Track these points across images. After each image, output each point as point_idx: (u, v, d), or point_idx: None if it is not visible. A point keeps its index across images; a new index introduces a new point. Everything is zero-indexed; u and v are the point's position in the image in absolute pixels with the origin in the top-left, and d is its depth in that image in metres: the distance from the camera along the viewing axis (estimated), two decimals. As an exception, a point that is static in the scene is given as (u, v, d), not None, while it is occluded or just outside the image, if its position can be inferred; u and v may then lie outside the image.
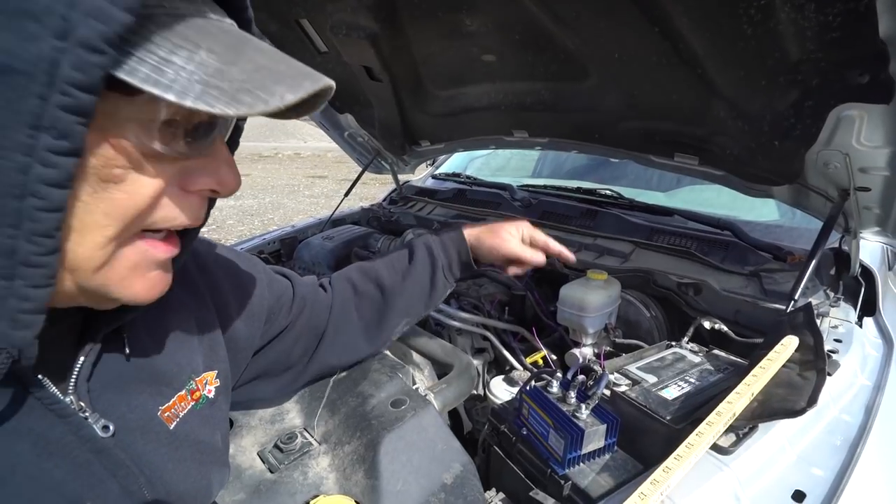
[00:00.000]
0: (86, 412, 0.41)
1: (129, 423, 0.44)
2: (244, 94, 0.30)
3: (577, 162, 2.09)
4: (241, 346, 0.61)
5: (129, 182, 0.33)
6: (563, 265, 1.35)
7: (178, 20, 0.31)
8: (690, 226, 1.29)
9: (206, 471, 0.51)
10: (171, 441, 0.48)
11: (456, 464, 0.61)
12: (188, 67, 0.30)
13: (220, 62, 0.31)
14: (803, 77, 0.77)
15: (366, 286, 0.80)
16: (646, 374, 0.86)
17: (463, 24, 1.13)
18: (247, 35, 0.36)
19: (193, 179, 0.37)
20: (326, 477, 0.60)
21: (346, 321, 0.77)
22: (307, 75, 0.34)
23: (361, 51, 1.33)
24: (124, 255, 0.36)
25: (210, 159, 0.38)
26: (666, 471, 0.56)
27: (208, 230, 5.76)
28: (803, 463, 0.64)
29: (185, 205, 0.38)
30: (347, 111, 1.78)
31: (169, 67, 0.29)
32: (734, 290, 1.07)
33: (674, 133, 1.07)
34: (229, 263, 0.62)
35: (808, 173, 0.93)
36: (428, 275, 0.82)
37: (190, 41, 0.31)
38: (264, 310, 0.64)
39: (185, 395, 0.51)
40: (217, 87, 0.30)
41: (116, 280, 0.36)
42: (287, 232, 1.80)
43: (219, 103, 0.30)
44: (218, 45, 0.32)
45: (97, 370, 0.43)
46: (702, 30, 0.79)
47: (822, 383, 0.65)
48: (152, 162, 0.34)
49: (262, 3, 1.30)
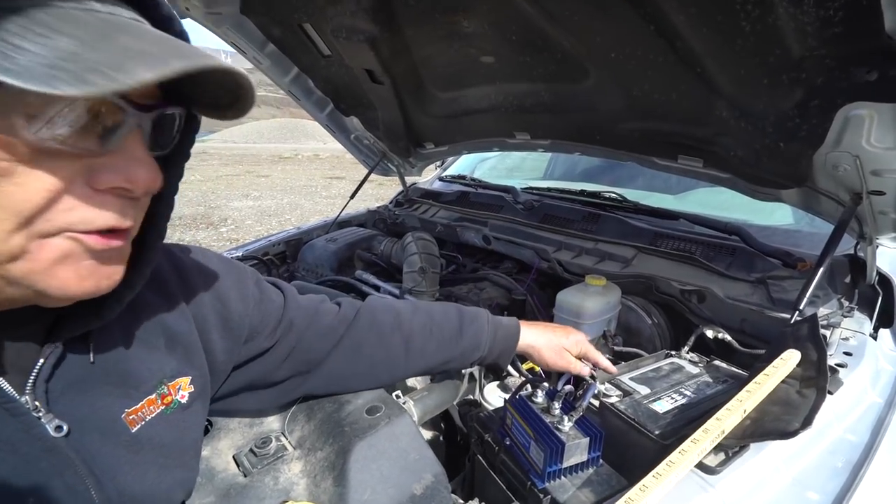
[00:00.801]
0: (39, 411, 0.41)
1: (88, 424, 0.45)
2: (93, 74, 0.29)
3: (590, 163, 2.05)
4: (219, 358, 0.60)
5: (18, 175, 0.33)
6: (564, 270, 1.32)
7: (44, 9, 0.31)
8: (696, 230, 1.24)
9: (168, 475, 0.51)
10: (132, 444, 0.48)
11: (428, 474, 0.60)
12: (40, 52, 0.29)
13: (79, 47, 0.30)
14: (807, 75, 0.73)
15: (393, 338, 0.73)
16: (639, 384, 0.83)
17: (460, 25, 1.12)
18: (137, 26, 0.35)
19: (100, 176, 0.36)
20: (297, 483, 0.60)
21: (352, 363, 0.71)
22: (183, 56, 0.33)
23: (362, 54, 1.33)
24: (48, 246, 0.36)
25: (120, 156, 0.37)
26: (643, 489, 0.54)
27: (227, 229, 5.90)
28: (798, 486, 0.60)
29: (101, 204, 0.37)
30: (353, 114, 1.79)
31: (20, 54, 0.29)
32: (739, 298, 1.03)
33: (676, 134, 1.04)
34: (214, 277, 0.61)
35: (816, 176, 0.89)
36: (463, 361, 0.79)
37: (49, 28, 0.30)
38: (245, 327, 0.62)
39: (155, 399, 0.51)
40: (64, 69, 0.29)
41: (40, 271, 0.36)
42: (292, 234, 1.82)
43: (63, 84, 0.29)
44: (83, 32, 0.31)
45: (59, 372, 0.44)
46: (698, 27, 0.76)
47: (820, 403, 0.61)
48: (44, 156, 0.33)
49: (265, 8, 1.31)
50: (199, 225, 6.13)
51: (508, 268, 1.55)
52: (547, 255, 1.35)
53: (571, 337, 0.85)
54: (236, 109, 0.40)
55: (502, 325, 0.82)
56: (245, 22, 1.35)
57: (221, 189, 8.95)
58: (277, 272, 1.68)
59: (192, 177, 10.26)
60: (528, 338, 0.83)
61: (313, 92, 1.68)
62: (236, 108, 0.40)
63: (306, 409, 0.69)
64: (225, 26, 1.34)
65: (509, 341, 0.81)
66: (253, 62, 1.53)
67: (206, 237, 5.57)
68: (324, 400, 0.70)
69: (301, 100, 1.70)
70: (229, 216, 6.65)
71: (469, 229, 1.63)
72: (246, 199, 8.06)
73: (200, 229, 5.93)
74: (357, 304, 0.75)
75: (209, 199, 7.93)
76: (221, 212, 6.92)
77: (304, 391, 0.69)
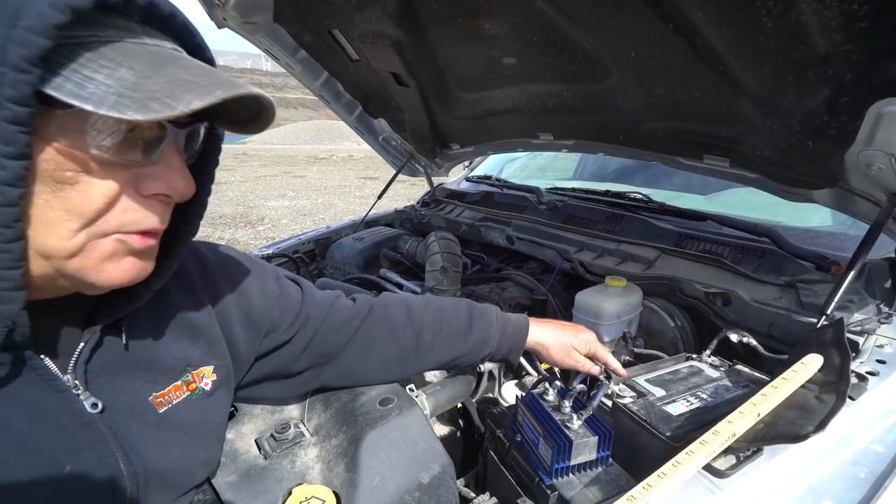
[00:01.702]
0: (79, 389, 0.47)
1: (120, 403, 0.50)
2: (153, 102, 0.36)
3: (621, 163, 2.02)
4: (241, 349, 0.65)
5: (82, 184, 0.39)
6: (586, 271, 1.31)
7: (107, 45, 0.37)
8: (724, 232, 1.21)
9: (191, 454, 0.56)
10: (159, 423, 0.53)
11: (435, 465, 0.62)
12: (107, 82, 0.36)
13: (138, 77, 0.36)
14: (834, 71, 0.71)
15: (405, 334, 0.76)
16: (654, 386, 0.82)
17: (482, 28, 1.13)
18: (179, 56, 0.42)
19: (146, 184, 0.42)
20: (312, 467, 0.63)
21: (365, 356, 0.74)
22: (222, 85, 0.38)
23: (388, 57, 1.37)
24: (100, 246, 0.41)
25: (162, 167, 0.43)
26: (646, 488, 0.54)
27: (264, 228, 6.13)
28: (813, 495, 0.58)
29: (147, 208, 0.43)
30: (381, 116, 1.83)
31: (90, 83, 0.35)
32: (766, 302, 0.99)
33: (700, 133, 1.01)
34: (236, 272, 0.66)
35: (849, 176, 0.85)
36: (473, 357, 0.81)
37: (113, 61, 0.37)
38: (266, 320, 0.66)
39: (181, 385, 0.56)
40: (129, 97, 0.35)
41: (91, 266, 0.42)
42: (322, 233, 1.88)
43: (129, 110, 0.35)
44: (140, 64, 0.37)
45: (96, 355, 0.49)
46: (717, 25, 0.74)
47: (838, 408, 0.59)
48: (104, 167, 0.39)
49: (296, 16, 1.37)
50: (238, 224, 6.40)
51: (532, 268, 1.56)
52: (569, 255, 1.35)
53: (581, 336, 0.85)
54: (256, 125, 0.46)
55: (511, 322, 0.83)
56: (278, 30, 1.42)
57: (259, 189, 9.29)
58: (307, 270, 1.75)
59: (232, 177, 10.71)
60: (537, 335, 0.84)
61: (343, 95, 1.74)
62: (256, 124, 0.46)
63: (324, 398, 0.73)
64: (259, 34, 1.41)
65: (518, 338, 0.82)
66: (286, 68, 1.60)
67: (244, 235, 5.81)
68: (340, 391, 0.73)
69: (331, 103, 1.76)
70: (266, 215, 6.90)
71: (493, 229, 1.64)
72: (282, 198, 8.34)
73: (239, 228, 6.19)
74: (371, 300, 0.78)
75: (248, 198, 8.26)
76: (259, 211, 7.20)
77: (319, 382, 0.73)
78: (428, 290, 1.34)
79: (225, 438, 0.65)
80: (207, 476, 0.59)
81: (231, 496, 0.59)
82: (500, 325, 0.81)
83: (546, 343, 0.84)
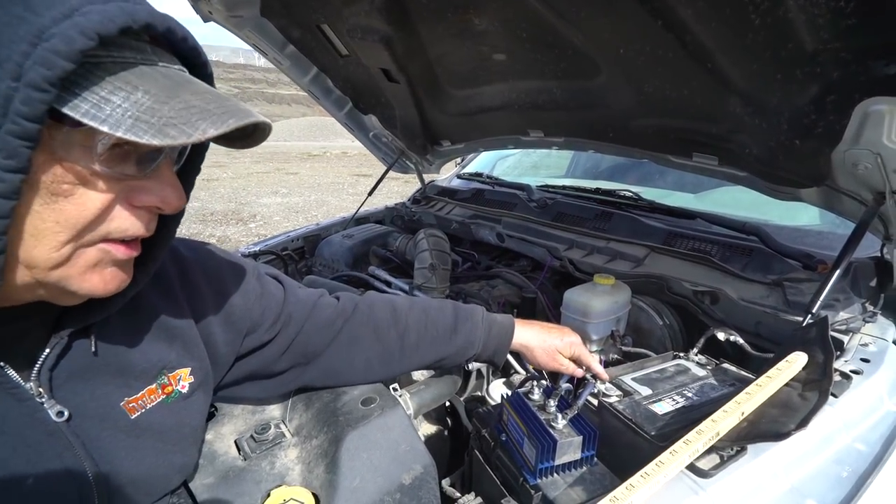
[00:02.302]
0: (43, 397, 0.45)
1: (89, 410, 0.48)
2: (170, 129, 0.37)
3: (614, 161, 2.02)
4: (220, 350, 0.64)
5: (77, 196, 0.39)
6: (575, 269, 1.31)
7: (123, 67, 0.37)
8: (713, 230, 1.21)
9: (165, 459, 0.54)
10: (131, 430, 0.51)
11: (417, 465, 0.61)
12: (124, 105, 0.36)
13: (154, 101, 0.37)
14: (822, 69, 0.71)
15: (389, 334, 0.75)
16: (640, 385, 0.81)
17: (472, 23, 1.12)
18: (189, 79, 0.42)
19: (139, 196, 0.42)
20: (292, 468, 0.62)
21: (348, 356, 0.73)
22: (234, 113, 0.40)
23: (377, 53, 1.35)
24: (85, 255, 0.41)
25: (155, 180, 0.43)
26: (629, 488, 0.53)
27: (256, 225, 6.08)
28: (796, 494, 0.58)
29: (136, 217, 0.43)
30: (371, 112, 1.82)
31: (107, 105, 0.36)
32: (754, 300, 0.99)
33: (689, 131, 1.01)
34: (215, 272, 0.65)
35: (836, 175, 0.85)
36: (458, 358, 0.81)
37: (130, 84, 0.37)
38: (246, 320, 0.65)
39: (156, 389, 0.55)
40: (146, 122, 0.36)
41: (75, 275, 0.41)
42: (311, 229, 1.87)
43: (146, 135, 0.36)
44: (155, 88, 0.38)
45: (63, 361, 0.47)
46: (706, 21, 0.74)
47: (820, 405, 0.59)
48: (99, 180, 0.39)
49: (283, 10, 1.35)
50: (230, 221, 6.35)
51: (522, 266, 1.55)
52: (558, 253, 1.34)
53: (566, 339, 0.85)
54: (247, 142, 0.46)
55: (497, 323, 0.82)
56: (265, 24, 1.39)
57: (252, 186, 9.22)
58: (295, 267, 1.73)
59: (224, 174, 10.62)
60: (522, 337, 0.83)
61: (332, 91, 1.72)
62: (247, 141, 0.46)
63: (305, 398, 0.72)
64: (246, 29, 1.38)
65: (503, 339, 0.82)
66: (274, 63, 1.58)
67: (235, 232, 5.76)
68: (322, 391, 0.72)
69: (321, 99, 1.74)
70: (258, 212, 6.85)
71: (483, 227, 1.63)
72: (275, 195, 8.28)
73: (231, 225, 6.14)
74: (356, 299, 0.76)
75: (240, 195, 8.19)
76: (251, 208, 7.14)
77: (302, 382, 0.72)
78: (416, 288, 1.33)
79: (203, 441, 0.63)
80: (184, 480, 0.58)
81: (208, 499, 0.58)
82: (486, 327, 0.80)
83: (530, 345, 0.83)
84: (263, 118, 0.42)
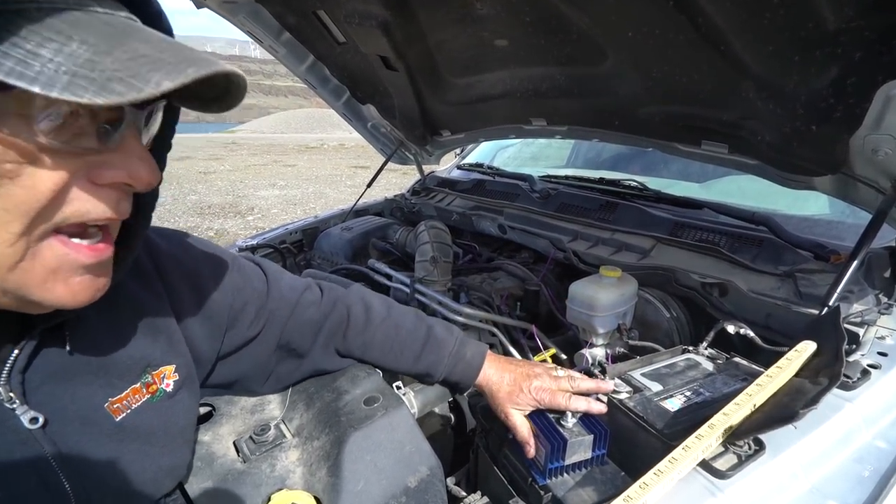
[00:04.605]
0: (14, 402, 0.42)
1: (68, 414, 0.45)
2: (115, 83, 0.30)
3: (615, 151, 1.98)
4: (201, 346, 0.61)
5: (25, 177, 0.33)
6: (580, 261, 1.28)
7: (51, 14, 0.31)
8: (721, 220, 1.18)
9: (153, 463, 0.51)
10: (115, 433, 0.48)
11: (423, 467, 0.59)
12: (56, 59, 0.30)
13: (93, 53, 0.31)
14: (843, 50, 0.67)
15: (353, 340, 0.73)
16: (651, 381, 0.79)
17: (473, 7, 1.08)
18: (136, 26, 0.36)
19: (102, 172, 0.37)
20: (293, 471, 0.60)
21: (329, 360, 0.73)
22: (193, 62, 0.33)
23: (375, 39, 1.31)
24: (41, 254, 0.36)
25: (121, 153, 0.37)
26: (643, 487, 0.51)
27: (253, 218, 6.04)
28: (817, 495, 0.56)
29: (99, 197, 0.37)
30: (369, 101, 1.78)
31: (35, 60, 0.29)
32: (764, 292, 0.97)
33: (699, 118, 0.98)
34: (192, 264, 0.61)
35: (853, 161, 0.82)
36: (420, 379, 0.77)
37: (62, 34, 0.31)
38: (224, 314, 0.62)
39: (140, 388, 0.52)
40: (86, 77, 0.30)
41: (36, 283, 0.37)
42: (309, 222, 1.83)
43: (87, 93, 0.29)
44: (94, 37, 0.31)
45: (36, 363, 0.44)
46: (721, 1, 0.70)
47: (831, 386, 0.57)
48: (49, 156, 0.34)
49: (278, -5, 1.31)
50: (228, 213, 6.30)
51: (525, 258, 1.52)
52: (562, 244, 1.31)
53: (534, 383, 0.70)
54: (221, 104, 0.40)
55: (463, 361, 0.73)
56: (260, 10, 1.35)
57: (249, 178, 9.16)
58: (294, 260, 1.70)
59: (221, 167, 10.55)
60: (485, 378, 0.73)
61: (329, 80, 1.68)
62: (222, 103, 0.40)
63: (306, 397, 0.69)
64: (241, 15, 1.34)
65: (465, 377, 0.74)
66: (269, 51, 1.53)
67: (233, 225, 5.72)
68: (323, 389, 0.69)
69: (318, 88, 1.70)
70: (256, 205, 6.80)
71: (485, 218, 1.60)
72: (272, 188, 8.22)
73: (228, 217, 6.10)
74: (337, 295, 0.74)
75: (237, 188, 8.13)
76: (249, 201, 7.09)
77: (300, 376, 0.71)
78: (418, 281, 1.31)
79: (194, 441, 0.61)
80: (177, 483, 0.55)
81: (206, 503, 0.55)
82: (451, 363, 0.73)
83: (491, 390, 0.73)
84: (233, 68, 0.36)
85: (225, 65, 0.35)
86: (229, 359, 0.65)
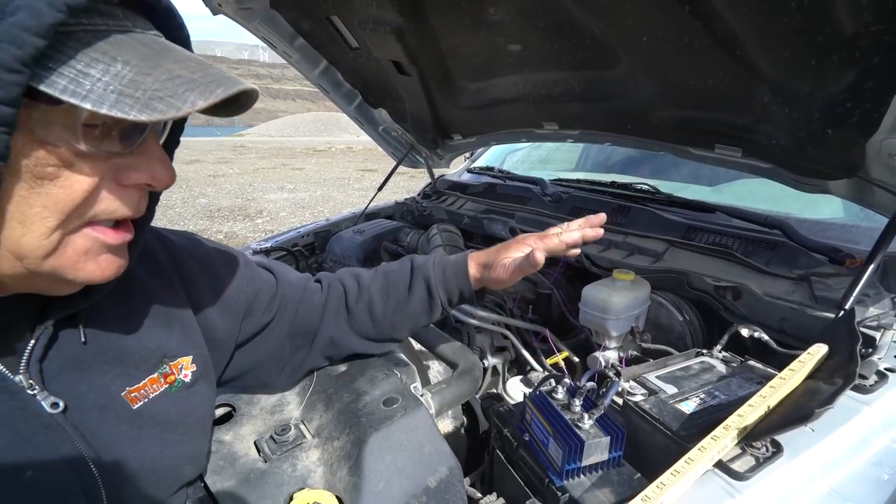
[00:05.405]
0: (34, 389, 0.44)
1: (87, 401, 0.47)
2: (157, 102, 0.34)
3: (624, 154, 1.98)
4: (219, 336, 0.62)
5: (63, 178, 0.37)
6: (592, 264, 1.28)
7: (97, 36, 0.35)
8: (734, 223, 1.18)
9: (172, 450, 0.53)
10: (134, 420, 0.50)
11: (442, 467, 0.60)
12: (104, 79, 0.34)
13: (136, 73, 0.35)
14: (861, 54, 0.67)
15: (357, 307, 0.75)
16: (665, 384, 0.79)
17: (487, 12, 1.10)
18: (168, 46, 0.39)
19: (128, 175, 0.41)
20: (314, 471, 0.61)
21: (341, 329, 0.75)
22: (221, 82, 0.37)
23: (388, 45, 1.33)
24: (74, 242, 0.40)
25: (143, 157, 0.41)
26: (660, 487, 0.52)
27: (262, 221, 6.08)
28: (836, 498, 0.56)
29: (124, 197, 0.41)
30: (381, 106, 1.79)
31: (86, 79, 0.33)
32: (779, 296, 0.97)
33: (713, 122, 0.98)
34: (206, 257, 0.64)
35: (870, 166, 0.82)
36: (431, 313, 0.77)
37: (107, 55, 0.34)
38: (241, 303, 0.65)
39: (158, 378, 0.53)
40: (131, 96, 0.34)
41: (69, 265, 0.40)
42: (321, 225, 1.85)
43: (132, 110, 0.34)
44: (135, 58, 0.35)
45: (53, 352, 0.46)
46: (738, 6, 0.71)
47: (846, 385, 0.57)
48: (84, 160, 0.37)
49: (294, 2, 1.33)
50: (237, 217, 6.36)
51: (535, 261, 1.53)
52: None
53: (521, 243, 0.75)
54: (230, 109, 0.43)
55: (450, 263, 0.76)
56: (275, 16, 1.37)
57: (258, 182, 9.24)
58: (306, 263, 1.72)
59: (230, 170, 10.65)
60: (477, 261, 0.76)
61: (342, 84, 1.70)
62: (230, 108, 0.43)
63: (325, 398, 0.70)
64: (256, 21, 1.36)
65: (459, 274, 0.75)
66: (283, 56, 1.56)
67: (242, 228, 5.77)
68: (342, 390, 0.70)
69: (330, 93, 1.72)
70: (265, 208, 6.86)
71: (496, 221, 1.61)
72: (281, 191, 8.29)
73: (237, 221, 6.15)
74: (331, 276, 0.78)
75: (246, 191, 8.20)
76: (257, 204, 7.15)
77: (311, 364, 0.74)
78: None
79: (211, 431, 0.62)
80: (198, 473, 0.57)
81: (230, 502, 0.56)
82: (440, 270, 0.75)
83: (489, 263, 0.74)
84: (251, 84, 0.40)
85: (246, 83, 0.40)
86: (246, 346, 0.67)
